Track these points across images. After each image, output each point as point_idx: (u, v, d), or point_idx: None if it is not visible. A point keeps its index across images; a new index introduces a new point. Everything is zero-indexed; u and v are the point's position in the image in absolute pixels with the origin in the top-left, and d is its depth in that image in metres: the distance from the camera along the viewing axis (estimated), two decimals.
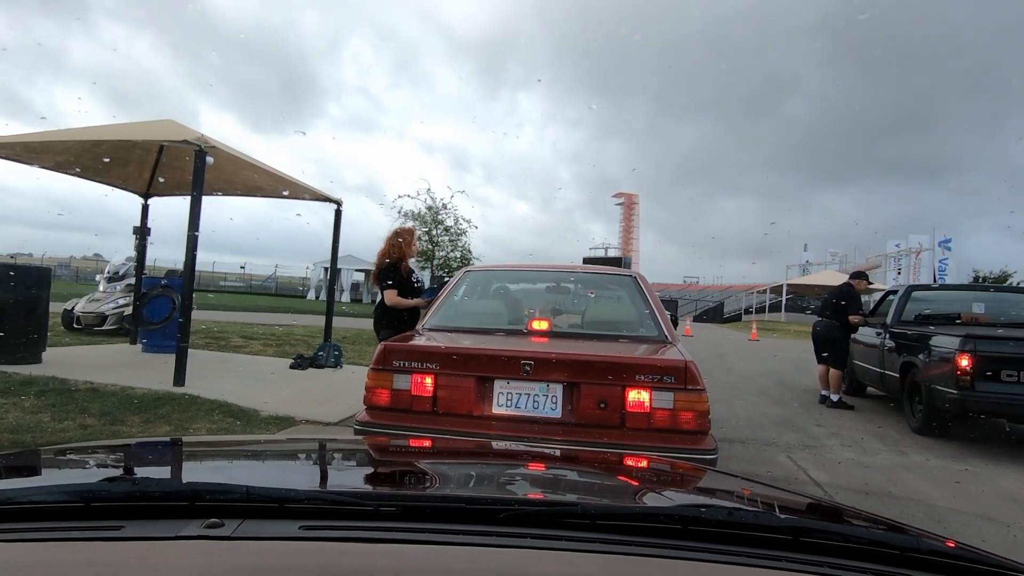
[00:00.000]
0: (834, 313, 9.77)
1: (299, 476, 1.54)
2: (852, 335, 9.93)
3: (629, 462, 1.85)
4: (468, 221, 34.48)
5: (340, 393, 8.16)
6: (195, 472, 1.50)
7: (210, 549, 0.84)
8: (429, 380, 3.92)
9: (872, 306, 10.50)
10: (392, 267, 6.32)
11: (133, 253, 12.81)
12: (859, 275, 10.30)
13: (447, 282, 5.71)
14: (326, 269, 32.62)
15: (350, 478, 1.54)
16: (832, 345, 9.67)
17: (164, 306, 10.26)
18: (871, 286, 11.04)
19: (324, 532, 0.89)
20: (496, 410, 3.87)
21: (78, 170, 10.42)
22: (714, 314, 51.58)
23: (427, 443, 2.34)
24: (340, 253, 12.14)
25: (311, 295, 49.32)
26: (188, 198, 8.10)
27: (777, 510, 1.28)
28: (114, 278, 14.43)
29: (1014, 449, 7.36)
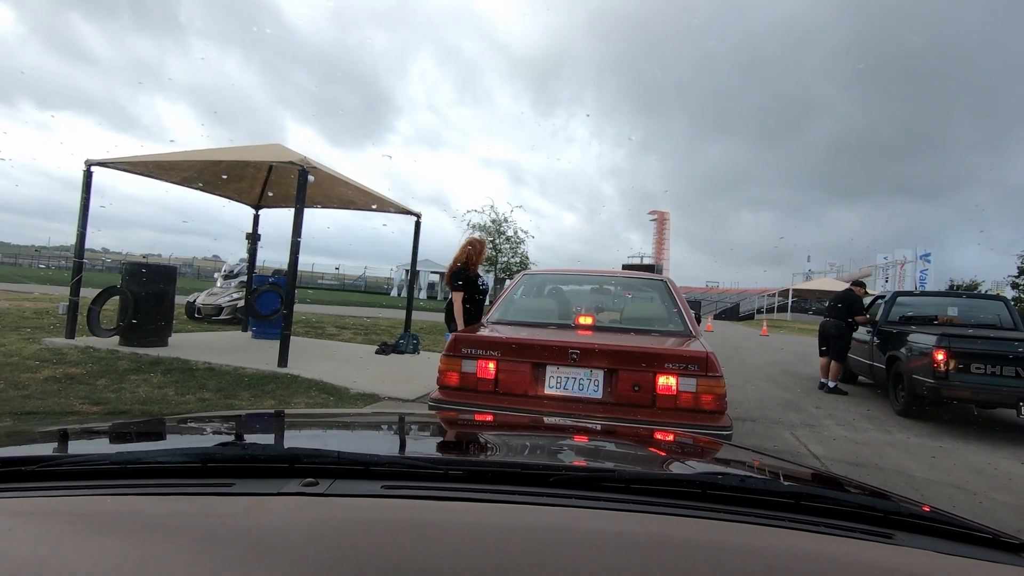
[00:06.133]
0: (838, 314, 9.93)
1: (382, 443, 1.55)
2: (852, 332, 10.03)
3: (658, 436, 1.84)
4: (526, 232, 34.67)
5: (417, 375, 8.25)
6: (294, 439, 1.52)
7: (307, 504, 0.85)
8: (492, 365, 4.00)
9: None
10: (462, 271, 6.34)
11: (246, 255, 13.14)
12: (858, 283, 10.41)
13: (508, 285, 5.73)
14: (407, 271, 33.06)
15: (425, 446, 1.55)
16: (834, 341, 9.84)
17: (271, 300, 10.49)
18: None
19: (402, 491, 0.90)
20: (547, 391, 3.95)
21: (200, 185, 10.74)
22: (731, 313, 51.55)
23: (489, 418, 2.34)
24: (418, 257, 12.28)
25: (394, 292, 49.99)
26: (292, 210, 8.29)
27: (782, 478, 1.28)
28: (229, 276, 14.85)
29: (981, 430, 7.48)
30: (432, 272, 45.95)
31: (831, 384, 9.84)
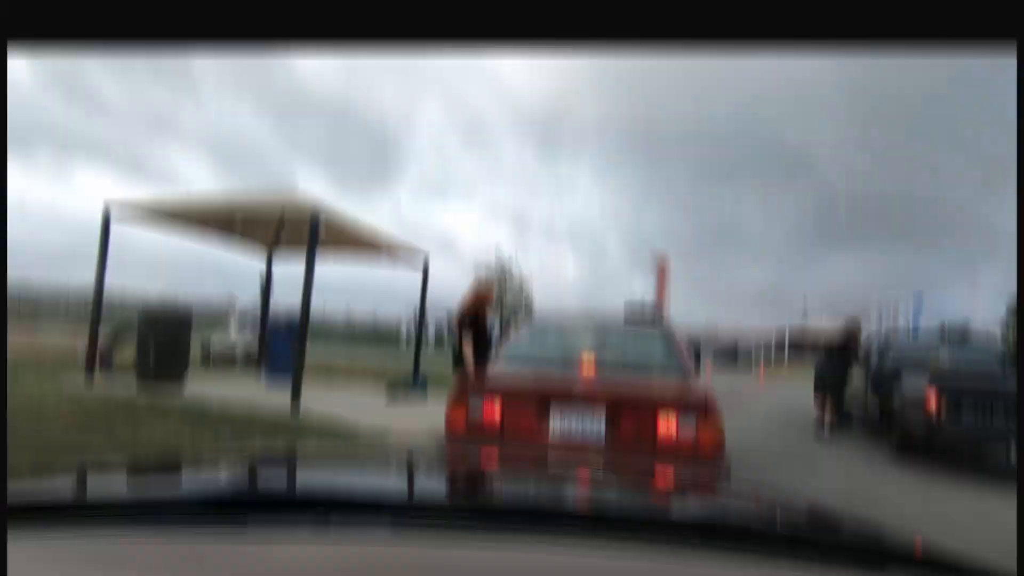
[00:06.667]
0: (833, 355, 10.05)
1: (391, 483, 1.55)
2: (847, 373, 10.07)
3: (659, 477, 1.84)
4: (530, 276, 35.07)
5: (426, 416, 8.19)
6: (306, 479, 1.52)
7: (317, 543, 0.85)
8: (497, 408, 4.05)
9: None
10: (471, 314, 6.38)
11: (259, 297, 13.21)
12: (854, 324, 10.42)
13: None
14: (416, 312, 33.06)
15: (433, 486, 1.55)
16: (829, 381, 9.94)
17: (285, 343, 10.50)
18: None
19: (411, 530, 0.90)
20: (551, 433, 3.98)
21: (216, 230, 10.88)
22: (729, 355, 51.09)
23: (496, 458, 2.34)
24: (426, 303, 12.36)
25: (403, 339, 49.81)
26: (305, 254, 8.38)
27: (779, 517, 1.28)
28: (243, 319, 14.91)
29: (972, 470, 7.46)
30: (439, 316, 45.89)
31: (826, 424, 9.85)
